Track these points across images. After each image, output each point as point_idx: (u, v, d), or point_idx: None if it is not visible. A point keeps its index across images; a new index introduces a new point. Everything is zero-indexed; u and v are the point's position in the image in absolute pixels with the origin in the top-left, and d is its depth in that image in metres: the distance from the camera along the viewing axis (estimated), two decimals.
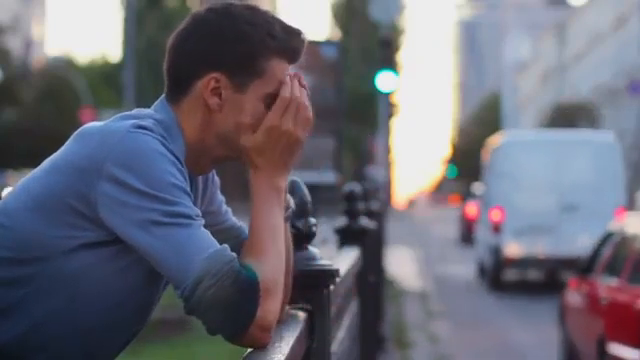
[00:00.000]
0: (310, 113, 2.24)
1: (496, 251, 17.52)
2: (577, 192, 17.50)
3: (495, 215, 17.88)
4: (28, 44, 60.09)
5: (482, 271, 15.41)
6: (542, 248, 17.35)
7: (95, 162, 2.10)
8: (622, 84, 59.06)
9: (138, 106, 2.30)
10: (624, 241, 8.71)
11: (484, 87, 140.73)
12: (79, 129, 2.21)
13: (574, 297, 9.65)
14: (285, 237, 2.22)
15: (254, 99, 2.21)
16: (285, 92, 2.21)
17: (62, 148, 2.21)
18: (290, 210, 2.32)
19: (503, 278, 15.06)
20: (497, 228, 17.69)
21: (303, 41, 2.26)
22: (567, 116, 57.87)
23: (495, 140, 20.03)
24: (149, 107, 2.29)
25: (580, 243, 16.01)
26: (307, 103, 2.24)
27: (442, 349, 11.39)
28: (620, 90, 60.07)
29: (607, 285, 8.52)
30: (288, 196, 2.31)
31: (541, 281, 16.60)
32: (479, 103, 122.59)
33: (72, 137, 2.20)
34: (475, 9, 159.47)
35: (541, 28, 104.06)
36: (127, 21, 22.09)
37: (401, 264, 21.70)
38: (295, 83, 2.23)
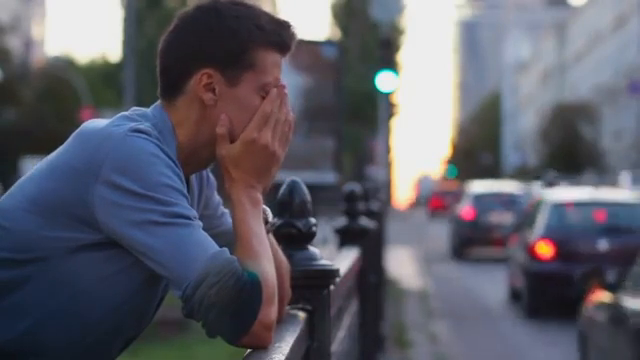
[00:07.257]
0: (290, 130, 2.25)
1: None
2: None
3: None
4: (28, 44, 60.11)
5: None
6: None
7: (92, 166, 2.10)
8: (622, 84, 59.02)
9: (138, 106, 2.28)
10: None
11: (484, 87, 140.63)
12: (78, 129, 2.20)
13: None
14: (271, 248, 2.22)
15: (248, 91, 2.22)
16: (266, 106, 2.22)
17: (60, 149, 2.20)
18: (269, 225, 2.31)
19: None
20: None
21: (292, 33, 2.26)
22: (567, 116, 57.85)
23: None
24: (148, 107, 2.29)
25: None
26: (289, 120, 2.24)
27: (442, 349, 11.38)
28: (620, 90, 60.03)
29: None
30: (267, 209, 2.30)
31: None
32: (479, 103, 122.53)
33: (71, 137, 2.19)
34: (475, 9, 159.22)
35: (541, 28, 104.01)
36: (127, 21, 22.04)
37: (401, 264, 21.69)
38: (279, 100, 2.23)
